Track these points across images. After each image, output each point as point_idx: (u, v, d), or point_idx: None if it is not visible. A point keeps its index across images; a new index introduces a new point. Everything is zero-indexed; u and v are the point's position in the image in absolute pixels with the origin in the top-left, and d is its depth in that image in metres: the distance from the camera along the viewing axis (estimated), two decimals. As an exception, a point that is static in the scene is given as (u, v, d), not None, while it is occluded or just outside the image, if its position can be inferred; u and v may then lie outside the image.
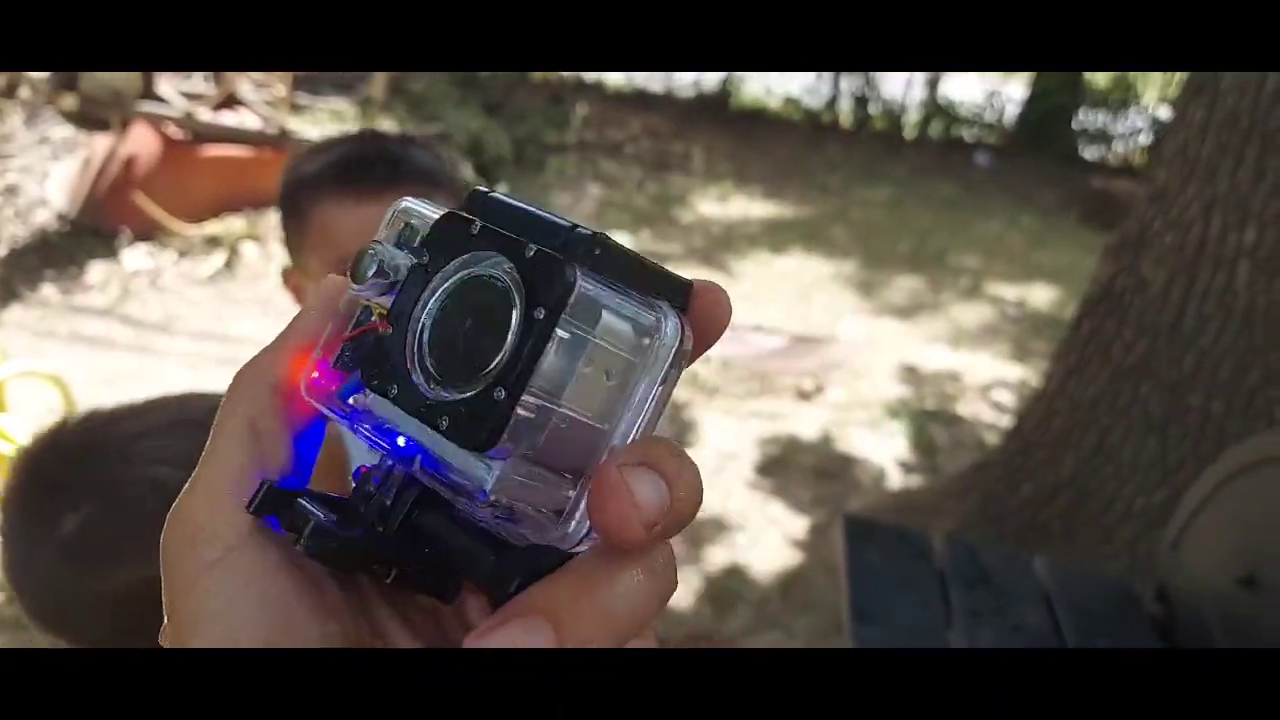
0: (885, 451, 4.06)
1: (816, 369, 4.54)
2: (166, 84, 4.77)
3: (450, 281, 0.30)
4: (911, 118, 9.32)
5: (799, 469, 3.83)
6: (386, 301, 0.30)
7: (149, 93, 4.57)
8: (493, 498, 0.28)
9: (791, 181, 7.49)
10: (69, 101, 4.34)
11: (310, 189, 1.15)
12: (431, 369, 0.29)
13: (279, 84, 5.25)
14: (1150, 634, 1.51)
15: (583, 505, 0.28)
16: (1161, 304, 2.92)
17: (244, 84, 5.09)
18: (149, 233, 4.61)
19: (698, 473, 0.28)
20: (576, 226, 0.29)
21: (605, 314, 0.28)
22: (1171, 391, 2.92)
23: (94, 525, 0.76)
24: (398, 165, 1.14)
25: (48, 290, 4.32)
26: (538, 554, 0.29)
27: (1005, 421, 4.10)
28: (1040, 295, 5.88)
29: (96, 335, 4.14)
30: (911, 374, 4.75)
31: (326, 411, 0.31)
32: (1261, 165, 2.72)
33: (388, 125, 6.02)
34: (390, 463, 0.31)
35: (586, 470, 0.28)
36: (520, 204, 0.30)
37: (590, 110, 7.83)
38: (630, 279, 0.29)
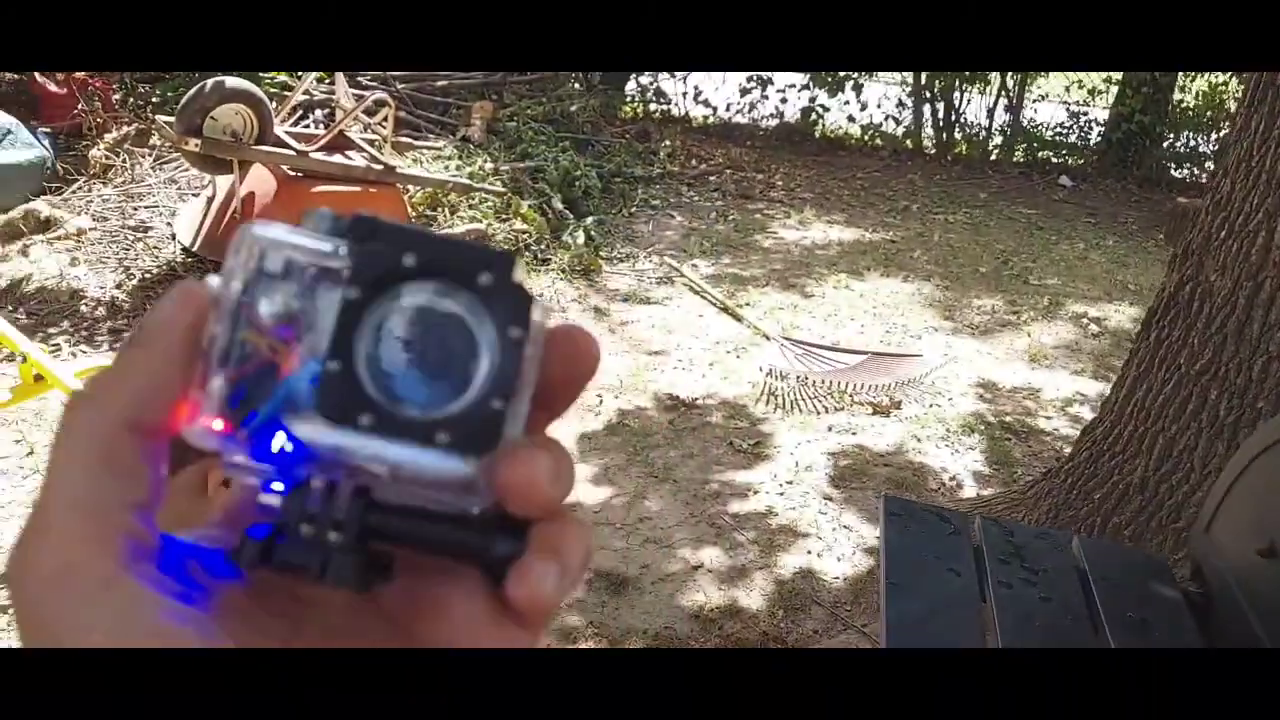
0: (960, 464, 4.13)
1: (893, 386, 4.63)
2: (280, 128, 5.15)
3: (384, 312, 0.31)
4: (995, 142, 9.33)
5: (873, 480, 3.94)
6: (269, 336, 0.31)
7: (265, 135, 4.95)
8: (484, 488, 0.31)
9: (872, 207, 7.59)
10: (193, 145, 4.73)
11: None
12: (393, 393, 0.31)
13: (383, 126, 5.61)
14: (1182, 609, 1.57)
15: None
16: (1228, 311, 2.98)
17: (352, 126, 5.46)
18: (264, 264, 4.96)
19: (572, 462, 0.34)
20: (488, 247, 0.32)
21: (536, 314, 0.32)
22: (1240, 397, 2.97)
23: None
24: None
25: (175, 317, 4.70)
26: (493, 523, 0.33)
27: (1082, 435, 4.13)
28: (1122, 314, 5.86)
29: (217, 358, 4.48)
30: (989, 390, 4.80)
31: (224, 449, 0.31)
32: (1323, 172, 2.78)
33: (485, 163, 6.35)
34: (324, 482, 0.32)
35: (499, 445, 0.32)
36: (410, 228, 0.32)
37: (675, 143, 8.07)
38: None
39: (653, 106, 9.28)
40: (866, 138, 9.30)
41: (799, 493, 3.83)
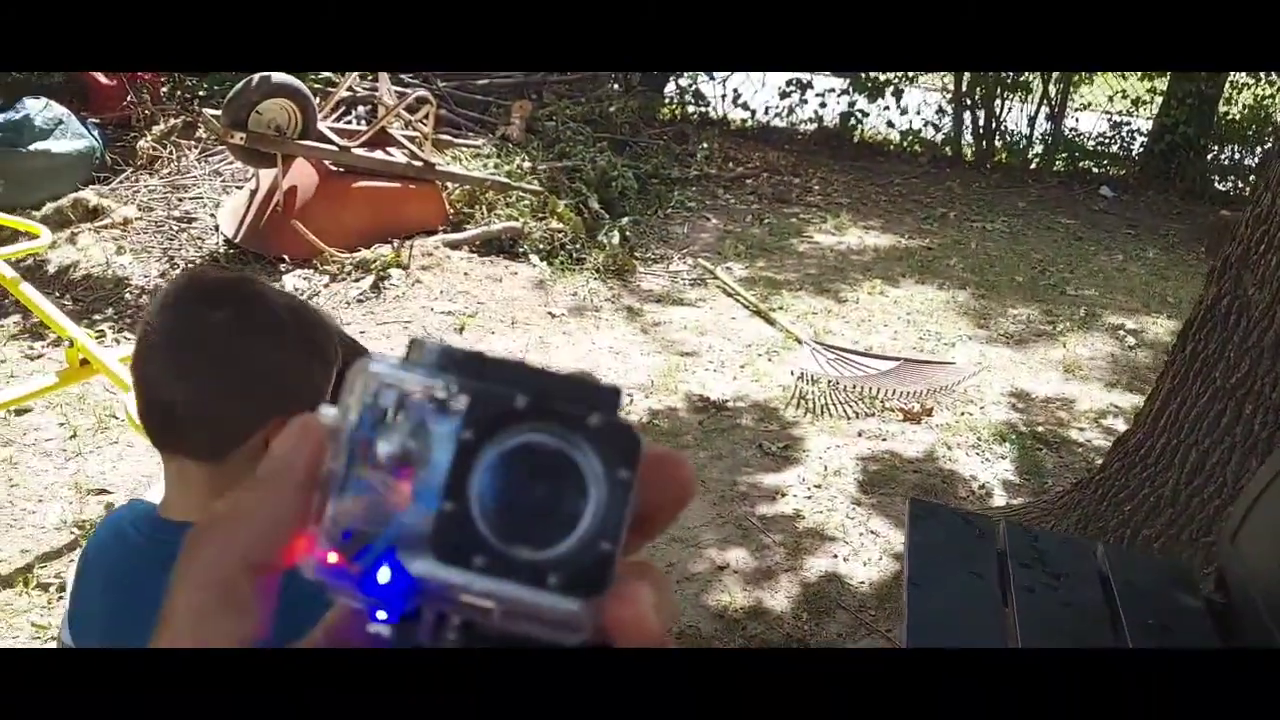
0: (990, 472, 4.12)
1: (925, 393, 4.62)
2: (323, 123, 5.23)
3: (497, 453, 0.32)
4: (1035, 150, 9.26)
5: (902, 486, 3.93)
6: (384, 471, 0.32)
7: (309, 130, 5.03)
8: (588, 622, 0.32)
9: (909, 214, 7.56)
10: (238, 138, 4.82)
11: None
12: (506, 534, 0.32)
13: (424, 123, 5.68)
14: (1204, 618, 1.57)
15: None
16: (1265, 324, 2.95)
17: (394, 123, 5.54)
18: (305, 257, 5.06)
19: (671, 588, 0.35)
20: (594, 384, 0.33)
21: (642, 453, 0.33)
22: (1275, 412, 2.94)
23: (241, 317, 1.14)
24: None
25: (216, 307, 4.78)
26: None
27: (1115, 447, 4.10)
28: (1160, 327, 5.81)
29: (257, 348, 4.56)
30: (1022, 400, 4.78)
31: (336, 581, 0.32)
32: (1365, 187, 2.75)
33: (523, 162, 6.41)
34: (434, 615, 0.33)
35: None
36: (517, 365, 0.33)
37: (713, 146, 8.08)
38: None
39: (691, 108, 9.30)
40: (905, 144, 9.27)
41: (827, 497, 3.84)
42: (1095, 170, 9.09)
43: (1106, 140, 9.29)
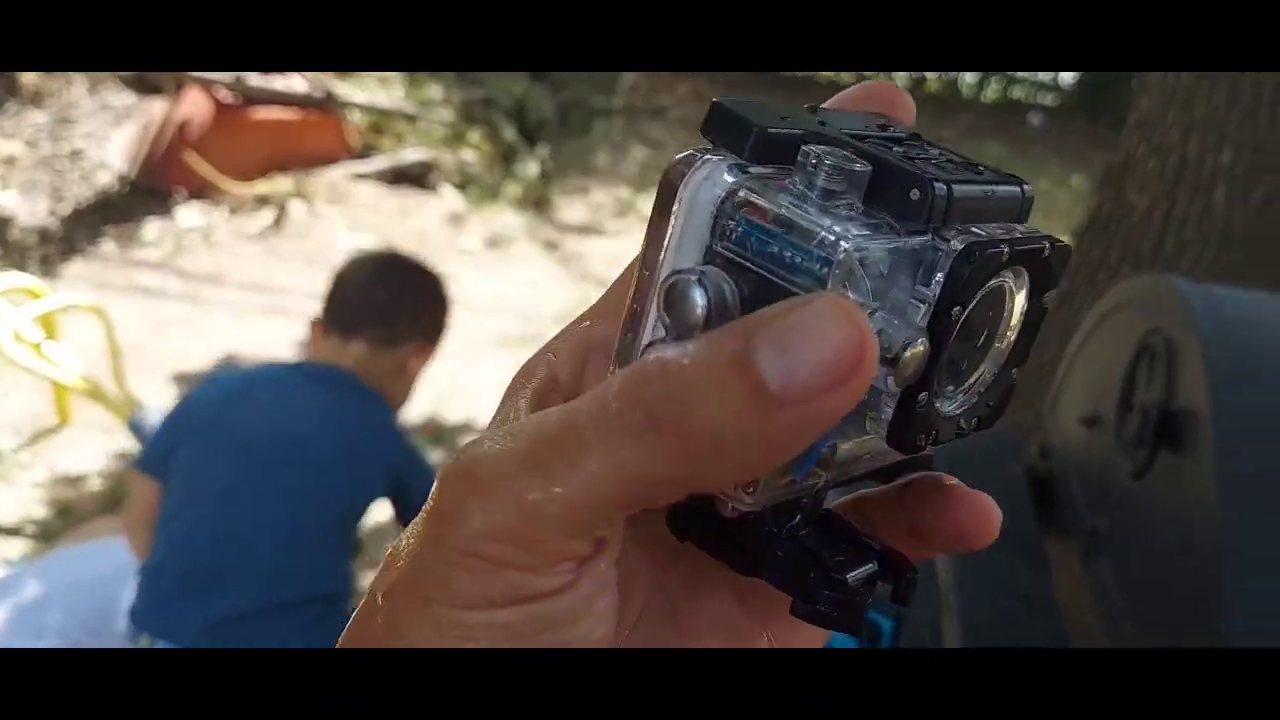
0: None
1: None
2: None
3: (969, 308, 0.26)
4: (967, 79, 9.21)
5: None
6: None
7: (200, 59, 4.85)
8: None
9: (837, 144, 7.51)
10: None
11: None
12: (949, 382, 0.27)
13: (326, 51, 5.51)
14: (1020, 481, 1.54)
15: None
16: (1144, 230, 2.94)
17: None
18: (202, 192, 4.91)
19: None
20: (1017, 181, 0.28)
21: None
22: (1155, 318, 2.94)
23: (426, 268, 1.80)
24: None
25: (107, 246, 4.64)
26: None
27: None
28: (1078, 248, 5.83)
29: (151, 286, 4.44)
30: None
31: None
32: (1236, 88, 2.73)
33: (435, 91, 6.26)
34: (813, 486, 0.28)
35: None
36: (972, 196, 0.27)
37: (638, 76, 7.94)
38: None
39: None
40: (835, 74, 9.18)
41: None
42: (1026, 100, 9.07)
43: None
